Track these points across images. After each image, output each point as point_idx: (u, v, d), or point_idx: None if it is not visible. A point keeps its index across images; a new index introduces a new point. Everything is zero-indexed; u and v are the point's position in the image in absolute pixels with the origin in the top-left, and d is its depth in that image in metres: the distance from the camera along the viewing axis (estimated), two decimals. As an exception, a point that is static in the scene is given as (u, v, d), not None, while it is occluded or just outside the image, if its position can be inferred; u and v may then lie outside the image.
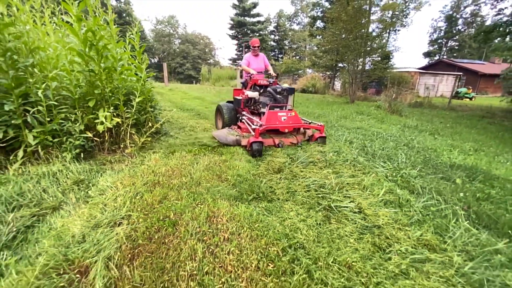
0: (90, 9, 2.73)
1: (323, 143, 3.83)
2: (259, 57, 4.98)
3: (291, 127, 3.79)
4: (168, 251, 1.54)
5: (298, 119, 3.84)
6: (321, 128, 3.87)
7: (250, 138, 3.39)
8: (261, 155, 3.34)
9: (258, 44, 4.83)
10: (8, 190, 1.88)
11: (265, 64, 5.04)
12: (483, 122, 8.18)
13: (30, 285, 1.24)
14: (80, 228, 1.68)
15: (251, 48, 4.86)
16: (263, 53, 5.10)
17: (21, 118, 2.28)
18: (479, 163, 3.56)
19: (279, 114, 3.71)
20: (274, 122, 3.64)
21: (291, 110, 3.86)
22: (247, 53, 5.04)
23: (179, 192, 2.26)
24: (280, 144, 3.65)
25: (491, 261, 1.57)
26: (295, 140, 3.86)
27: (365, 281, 1.41)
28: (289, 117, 3.74)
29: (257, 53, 4.93)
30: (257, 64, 4.91)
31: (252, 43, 4.83)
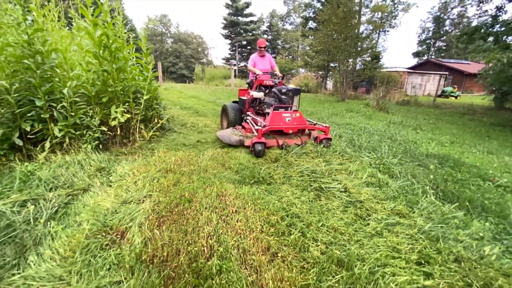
0: (105, 15, 3.02)
1: (328, 145, 3.75)
2: (265, 58, 4.96)
3: (295, 128, 3.75)
4: (187, 220, 1.87)
5: (303, 120, 3.80)
6: (326, 130, 3.78)
7: (253, 139, 3.37)
8: (262, 156, 3.37)
9: (265, 45, 4.81)
10: (45, 174, 2.17)
11: (271, 65, 5.02)
12: (464, 119, 8.76)
13: (81, 243, 1.55)
14: (111, 204, 1.99)
15: (257, 49, 4.88)
16: (268, 53, 5.15)
17: (48, 113, 2.55)
18: (452, 152, 4.01)
19: (283, 115, 3.69)
20: (278, 123, 3.62)
21: (296, 111, 3.83)
22: (253, 53, 5.05)
23: (190, 177, 2.59)
24: (284, 145, 3.60)
25: (448, 224, 1.97)
26: (299, 141, 3.78)
27: (348, 238, 1.78)
28: (293, 118, 3.71)
29: (263, 53, 4.91)
30: (263, 64, 4.89)
31: (259, 43, 4.83)
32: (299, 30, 36.62)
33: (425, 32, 49.97)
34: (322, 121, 6.32)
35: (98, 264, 1.40)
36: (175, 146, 3.56)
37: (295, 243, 1.69)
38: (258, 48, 4.86)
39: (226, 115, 4.75)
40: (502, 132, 6.56)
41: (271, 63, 5.03)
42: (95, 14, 2.95)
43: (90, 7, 2.94)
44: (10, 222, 1.61)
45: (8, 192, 1.97)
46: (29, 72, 2.52)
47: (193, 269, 1.41)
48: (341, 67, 13.87)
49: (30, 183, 2.08)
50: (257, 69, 4.68)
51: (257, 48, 4.88)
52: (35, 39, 2.44)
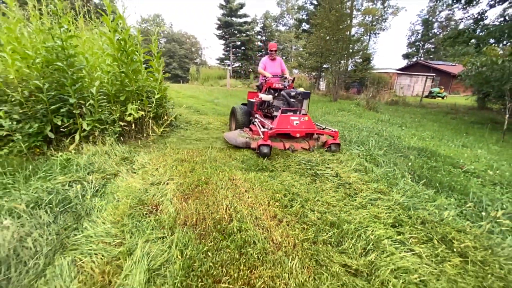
0: (123, 22, 3.37)
1: (337, 150, 3.69)
2: (276, 61, 4.93)
3: (303, 131, 3.69)
4: (207, 196, 2.26)
5: (311, 124, 3.76)
6: (335, 135, 3.73)
7: (259, 141, 3.36)
8: (267, 157, 3.34)
9: (276, 48, 4.77)
10: (82, 161, 2.51)
11: (282, 68, 4.96)
12: (447, 118, 9.39)
13: (125, 213, 1.92)
14: (141, 185, 2.36)
15: (268, 52, 4.86)
16: (279, 57, 5.14)
17: (78, 109, 2.89)
18: (430, 146, 4.51)
19: (291, 118, 3.67)
20: (285, 126, 3.60)
21: (304, 115, 3.80)
22: (264, 56, 4.97)
23: (203, 165, 2.97)
24: (291, 148, 3.59)
25: (419, 198, 2.42)
26: (307, 146, 3.75)
27: (338, 210, 2.20)
28: (301, 122, 3.68)
29: (274, 57, 4.87)
30: (274, 68, 4.85)
31: (270, 47, 4.79)
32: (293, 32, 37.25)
33: (414, 35, 51.37)
34: (316, 119, 6.78)
35: (143, 226, 1.78)
36: (185, 140, 3.93)
37: (296, 212, 2.11)
38: (269, 52, 4.84)
39: (234, 117, 4.71)
40: (480, 129, 7.16)
41: (282, 66, 4.99)
42: (115, 21, 3.30)
43: (110, 15, 3.29)
44: (65, 197, 1.96)
45: (51, 176, 2.32)
46: (61, 73, 2.85)
47: (218, 229, 1.81)
48: (334, 69, 14.43)
49: (70, 168, 2.42)
50: (267, 72, 4.67)
51: (268, 52, 4.87)
52: (68, 44, 2.78)
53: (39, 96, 2.81)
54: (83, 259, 1.47)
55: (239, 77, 36.77)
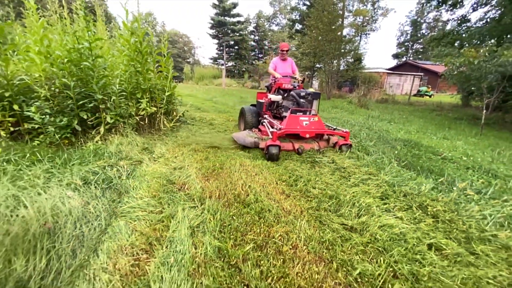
0: (139, 25, 3.69)
1: (348, 151, 3.63)
2: (286, 62, 4.88)
3: (312, 132, 3.65)
4: (224, 177, 2.64)
5: (321, 124, 3.72)
6: (346, 135, 3.68)
7: (267, 141, 3.33)
8: (277, 159, 3.31)
9: (287, 48, 4.72)
10: (112, 149, 2.85)
11: (293, 69, 4.91)
12: (432, 114, 10.02)
13: (159, 189, 2.28)
14: (166, 170, 2.72)
15: (279, 52, 4.84)
16: (291, 58, 5.12)
17: (102, 105, 3.21)
18: (415, 138, 5.00)
19: (300, 118, 3.62)
20: (294, 127, 3.55)
21: (314, 115, 3.76)
22: (275, 57, 5.02)
23: (215, 154, 3.34)
24: (300, 149, 3.53)
25: (403, 178, 2.86)
26: (316, 146, 3.70)
27: (336, 187, 2.61)
28: (311, 122, 3.63)
29: (285, 57, 4.83)
30: (284, 68, 4.80)
31: (281, 47, 4.76)
32: (286, 32, 37.74)
33: (404, 35, 52.59)
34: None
35: (176, 198, 2.15)
36: (195, 134, 4.29)
37: (301, 189, 2.51)
38: (280, 52, 4.82)
39: (243, 118, 4.72)
40: (461, 125, 7.76)
41: (293, 67, 4.94)
42: (131, 24, 3.62)
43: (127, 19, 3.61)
44: (106, 177, 2.31)
45: (85, 162, 2.64)
46: (87, 72, 3.16)
47: (238, 201, 2.19)
48: (327, 68, 14.95)
49: (102, 155, 2.75)
50: (276, 73, 4.64)
51: (279, 52, 4.84)
52: (94, 45, 3.09)
53: (66, 92, 3.11)
54: (134, 222, 1.82)
55: (233, 77, 37.00)
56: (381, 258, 1.61)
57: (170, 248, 1.56)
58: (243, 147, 3.75)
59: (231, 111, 7.62)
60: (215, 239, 1.67)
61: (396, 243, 1.74)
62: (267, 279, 1.39)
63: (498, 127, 7.99)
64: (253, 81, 25.04)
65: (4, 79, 3.04)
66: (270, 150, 3.25)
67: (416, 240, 1.78)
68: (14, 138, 3.14)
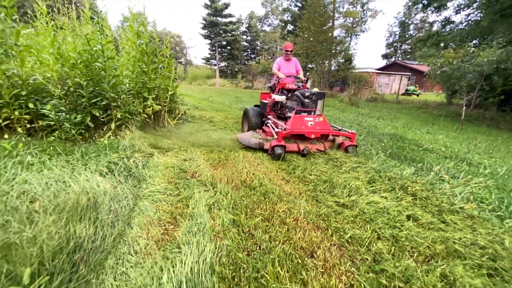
0: (145, 28, 3.94)
1: (354, 152, 3.60)
2: (291, 62, 4.84)
3: (318, 133, 3.60)
4: (230, 167, 2.93)
5: (326, 125, 3.67)
6: (352, 136, 3.65)
7: (272, 142, 3.30)
8: (280, 159, 3.28)
9: (291, 49, 4.70)
10: (125, 143, 3.09)
11: (297, 69, 4.87)
12: (418, 112, 10.57)
13: (174, 176, 2.55)
14: (176, 161, 2.99)
15: (283, 52, 4.82)
16: (295, 58, 5.06)
17: (114, 102, 3.44)
18: (400, 132, 5.42)
19: (305, 119, 3.58)
20: (299, 127, 3.51)
21: (319, 116, 3.72)
22: (279, 57, 4.98)
23: (218, 148, 3.63)
24: (305, 150, 3.47)
25: (388, 165, 3.22)
26: (322, 147, 3.63)
27: (329, 175, 2.94)
28: (316, 123, 3.59)
29: (289, 57, 4.80)
30: (288, 68, 4.77)
31: (285, 47, 4.75)
32: (278, 32, 38.19)
33: (392, 36, 53.72)
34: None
35: (190, 184, 2.43)
36: (198, 130, 4.56)
37: (299, 176, 2.84)
38: (284, 52, 4.81)
39: (247, 119, 4.67)
40: (444, 121, 8.29)
41: (297, 67, 4.90)
42: (138, 27, 3.86)
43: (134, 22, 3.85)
44: (126, 166, 2.56)
45: (100, 155, 2.88)
46: (99, 72, 3.40)
47: (245, 185, 2.49)
48: (318, 68, 15.40)
49: (116, 148, 3.00)
50: (280, 73, 4.62)
51: (283, 52, 4.82)
52: (106, 48, 3.32)
53: (79, 91, 3.34)
54: (156, 203, 2.10)
55: (226, 77, 37.13)
56: (367, 226, 1.94)
57: (192, 221, 1.85)
58: (247, 147, 3.74)
59: (228, 109, 7.89)
60: (229, 213, 1.97)
61: (380, 215, 2.08)
62: (275, 242, 1.70)
63: (478, 123, 8.57)
64: (246, 81, 25.31)
65: (19, 79, 3.24)
66: (275, 151, 3.24)
67: (397, 213, 2.12)
68: (30, 135, 3.34)
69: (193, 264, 1.40)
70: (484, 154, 4.29)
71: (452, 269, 1.53)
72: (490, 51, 6.10)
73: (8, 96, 3.08)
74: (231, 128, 5.08)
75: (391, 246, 1.73)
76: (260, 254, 1.58)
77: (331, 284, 1.40)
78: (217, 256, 1.51)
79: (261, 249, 1.63)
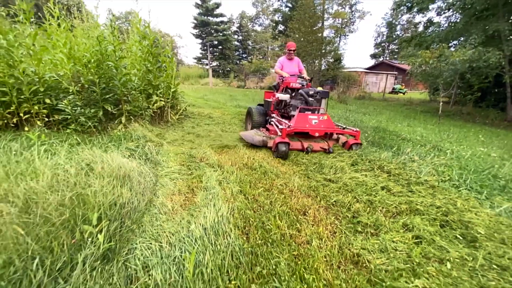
0: (149, 30, 4.29)
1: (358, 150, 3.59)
2: (293, 61, 4.88)
3: (322, 131, 3.61)
4: (232, 154, 3.34)
5: (330, 123, 3.69)
6: (356, 134, 3.66)
7: (276, 139, 3.31)
8: (286, 158, 3.30)
9: (294, 48, 4.69)
10: (138, 134, 3.45)
11: (300, 68, 4.92)
12: (402, 108, 11.25)
13: (185, 160, 2.94)
14: (184, 149, 3.37)
15: (286, 51, 4.84)
16: (298, 57, 5.13)
17: (124, 98, 3.78)
18: (383, 125, 5.96)
19: (309, 117, 3.59)
20: (303, 125, 3.52)
21: (323, 114, 3.74)
22: (281, 56, 5.06)
23: (220, 139, 4.03)
24: (309, 148, 3.49)
25: (369, 151, 3.70)
26: (326, 146, 3.64)
27: (318, 159, 3.38)
28: (320, 121, 3.60)
29: (292, 56, 4.83)
30: (291, 68, 4.82)
31: (288, 46, 4.76)
32: (269, 32, 38.67)
33: (380, 36, 55.11)
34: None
35: (201, 165, 2.82)
36: (199, 124, 4.94)
37: (292, 160, 3.28)
38: (287, 51, 4.80)
39: (250, 118, 4.71)
40: (424, 116, 8.95)
41: (300, 66, 4.94)
42: (144, 29, 4.21)
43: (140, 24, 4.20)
44: (143, 152, 2.93)
45: (115, 144, 3.23)
46: (110, 70, 3.73)
47: (247, 167, 2.90)
48: (309, 68, 15.94)
49: (130, 138, 3.35)
50: (284, 72, 4.66)
51: (286, 51, 4.84)
52: (118, 48, 3.66)
53: (92, 88, 3.67)
54: (173, 180, 2.48)
55: (218, 76, 37.30)
56: (349, 194, 2.39)
57: (206, 191, 2.25)
58: (251, 145, 3.76)
59: (223, 107, 8.27)
60: (237, 185, 2.38)
61: (360, 186, 2.53)
62: (275, 205, 2.13)
63: (456, 117, 9.28)
64: (239, 81, 25.66)
65: (37, 77, 3.54)
66: (279, 147, 3.23)
67: (373, 184, 2.58)
68: (47, 128, 3.64)
69: (213, 217, 1.80)
70: (454, 142, 4.85)
71: (412, 220, 1.99)
72: (462, 51, 6.73)
73: (28, 92, 3.38)
74: (229, 123, 5.47)
75: (367, 207, 2.18)
76: (264, 212, 2.00)
77: (319, 231, 1.84)
78: (231, 213, 1.92)
79: (264, 209, 2.05)
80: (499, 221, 2.09)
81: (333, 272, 1.48)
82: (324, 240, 1.74)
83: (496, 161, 3.79)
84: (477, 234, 1.87)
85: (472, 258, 1.63)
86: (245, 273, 1.41)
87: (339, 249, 1.67)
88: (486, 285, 1.43)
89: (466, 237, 1.86)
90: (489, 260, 1.62)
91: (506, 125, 8.08)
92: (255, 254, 1.55)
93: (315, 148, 3.55)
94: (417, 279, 1.43)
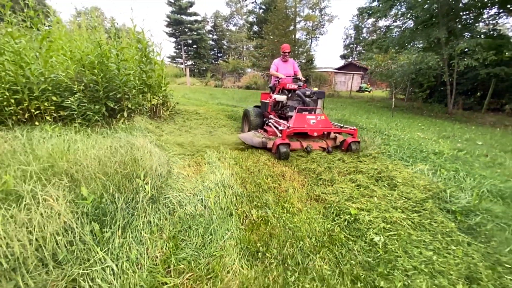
0: (143, 35, 4.84)
1: (357, 149, 3.71)
2: (288, 63, 4.98)
3: (320, 131, 3.69)
4: (224, 140, 4.06)
5: (328, 123, 3.76)
6: (354, 133, 3.73)
7: (277, 140, 3.34)
8: (287, 158, 3.35)
9: (289, 50, 4.77)
10: (141, 127, 4.02)
11: (295, 70, 5.00)
12: (365, 104, 12.72)
13: (185, 146, 3.61)
14: (182, 139, 4.02)
15: (281, 53, 4.91)
16: (292, 59, 5.22)
17: (125, 95, 4.31)
18: (346, 118, 7.05)
19: (307, 117, 3.66)
20: (302, 125, 3.58)
21: (321, 114, 3.83)
22: (276, 58, 5.13)
23: (215, 130, 4.72)
24: (308, 148, 3.55)
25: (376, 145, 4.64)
26: (324, 145, 3.72)
27: (293, 142, 4.24)
28: (318, 121, 3.68)
29: (286, 58, 4.92)
30: (286, 69, 4.90)
31: (283, 48, 4.82)
32: (244, 32, 39.39)
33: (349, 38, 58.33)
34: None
35: (200, 149, 3.52)
36: (189, 119, 5.57)
37: (273, 143, 4.09)
38: (282, 53, 4.88)
39: (247, 119, 4.71)
40: (383, 111, 10.36)
41: (295, 68, 5.03)
42: (139, 34, 4.75)
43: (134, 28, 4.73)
44: (149, 140, 3.55)
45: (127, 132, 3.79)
46: (112, 71, 4.24)
47: (237, 149, 3.66)
48: (283, 68, 16.98)
49: (133, 130, 3.92)
50: (280, 73, 4.73)
51: (281, 53, 4.92)
52: (120, 52, 4.18)
53: (96, 87, 4.16)
54: (180, 160, 3.16)
55: (193, 75, 37.20)
56: (314, 163, 3.26)
57: (210, 165, 2.97)
58: (252, 146, 3.83)
59: (206, 104, 8.89)
60: (232, 160, 3.13)
61: (322, 159, 3.41)
62: (262, 171, 2.91)
63: (408, 111, 10.84)
64: (216, 80, 26.08)
65: (44, 77, 3.96)
66: (280, 149, 3.29)
67: (332, 157, 3.48)
68: (55, 122, 4.07)
69: (220, 177, 2.54)
70: (400, 130, 6.03)
71: (356, 176, 2.90)
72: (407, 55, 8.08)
73: (38, 91, 3.80)
74: (215, 118, 6.16)
75: (326, 170, 3.06)
76: (255, 175, 2.78)
77: (293, 184, 2.66)
78: (231, 175, 2.68)
79: (254, 173, 2.84)
80: (414, 176, 3.07)
81: (302, 204, 2.30)
82: (297, 189, 2.57)
83: (426, 141, 4.96)
84: (397, 183, 2.82)
85: (391, 195, 2.55)
86: (247, 204, 2.18)
87: (306, 193, 2.51)
88: (395, 206, 2.34)
89: (390, 184, 2.80)
90: (401, 195, 2.55)
91: (446, 117, 9.71)
92: (252, 196, 2.33)
93: (314, 148, 3.63)
94: (354, 204, 2.31)
